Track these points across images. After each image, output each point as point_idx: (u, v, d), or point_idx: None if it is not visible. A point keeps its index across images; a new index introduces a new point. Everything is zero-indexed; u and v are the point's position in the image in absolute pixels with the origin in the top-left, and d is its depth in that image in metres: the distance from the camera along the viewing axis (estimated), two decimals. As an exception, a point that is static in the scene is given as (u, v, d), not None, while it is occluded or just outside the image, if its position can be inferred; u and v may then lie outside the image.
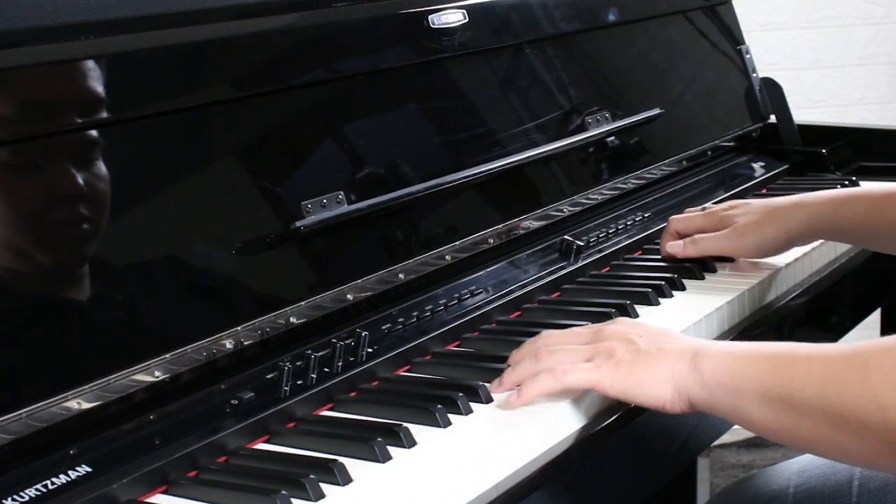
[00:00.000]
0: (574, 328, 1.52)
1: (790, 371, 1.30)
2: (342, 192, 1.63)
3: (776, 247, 1.89)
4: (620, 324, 1.50)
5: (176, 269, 1.45)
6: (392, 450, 1.31)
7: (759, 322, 1.78)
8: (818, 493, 1.60)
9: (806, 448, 1.36)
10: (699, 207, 2.04)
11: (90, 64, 1.41)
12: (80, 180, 1.36)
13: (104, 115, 1.41)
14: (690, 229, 1.95)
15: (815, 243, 1.99)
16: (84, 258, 1.36)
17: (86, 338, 1.33)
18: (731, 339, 1.69)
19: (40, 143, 1.34)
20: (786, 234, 1.87)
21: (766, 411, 1.31)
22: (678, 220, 1.97)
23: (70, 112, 1.38)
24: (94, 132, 1.40)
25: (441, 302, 1.70)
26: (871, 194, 1.84)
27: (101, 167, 1.39)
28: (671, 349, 1.40)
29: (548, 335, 1.50)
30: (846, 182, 2.40)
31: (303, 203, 1.58)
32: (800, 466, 1.68)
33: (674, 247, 1.91)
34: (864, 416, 1.23)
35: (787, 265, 1.91)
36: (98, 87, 1.41)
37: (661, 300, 1.77)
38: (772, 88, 2.62)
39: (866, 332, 2.13)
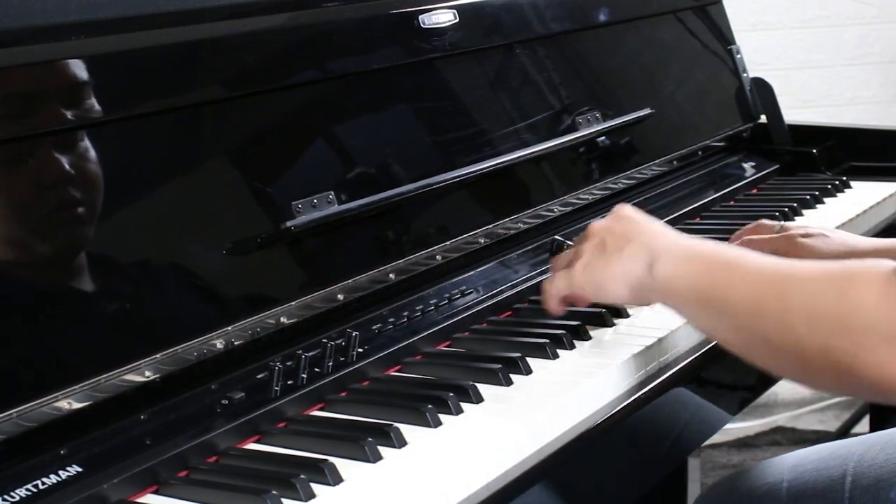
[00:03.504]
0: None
1: (724, 283, 1.41)
2: (333, 192, 1.63)
3: None
4: (607, 218, 1.59)
5: (166, 269, 1.45)
6: (382, 450, 1.31)
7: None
8: (811, 488, 1.61)
9: (741, 355, 1.44)
10: (777, 224, 1.97)
11: (81, 64, 1.40)
12: (70, 180, 1.36)
13: (95, 114, 1.41)
14: (764, 250, 1.90)
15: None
16: (75, 258, 1.36)
17: (76, 338, 1.33)
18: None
19: (28, 143, 1.34)
20: None
21: (703, 317, 1.45)
22: (759, 242, 1.90)
23: (60, 111, 1.37)
24: (83, 132, 1.40)
25: (432, 302, 1.70)
26: None
27: (91, 167, 1.39)
28: (629, 251, 1.50)
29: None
30: (836, 182, 2.40)
31: (293, 203, 1.58)
32: (794, 461, 1.68)
33: None
34: (780, 342, 1.35)
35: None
36: (89, 86, 1.41)
37: (651, 300, 1.77)
38: (762, 88, 2.62)
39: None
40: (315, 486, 1.24)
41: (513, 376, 1.50)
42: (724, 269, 1.43)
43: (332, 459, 1.28)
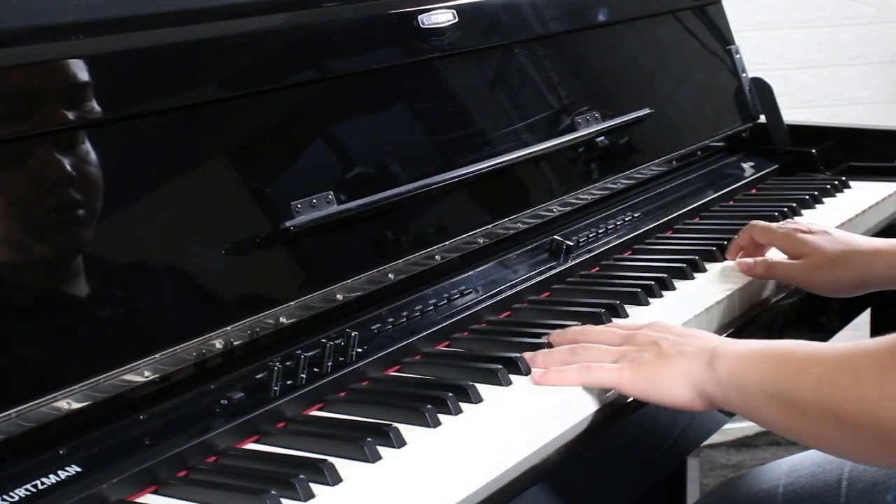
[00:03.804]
0: (611, 328, 1.58)
1: (791, 372, 1.34)
2: (332, 192, 1.63)
3: (849, 289, 1.82)
4: (652, 328, 1.53)
5: (166, 269, 1.45)
6: (382, 450, 1.31)
7: (749, 322, 1.78)
8: (807, 493, 1.61)
9: (812, 446, 1.41)
10: (782, 222, 1.97)
11: (80, 64, 1.40)
12: (68, 180, 1.36)
13: (93, 114, 1.41)
14: (767, 240, 1.91)
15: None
16: (74, 258, 1.36)
17: (75, 338, 1.33)
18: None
19: (27, 143, 1.34)
20: (862, 279, 1.80)
21: (772, 410, 1.36)
22: (761, 232, 1.92)
23: (59, 111, 1.37)
24: (82, 132, 1.39)
25: (431, 302, 1.70)
26: None
27: (90, 167, 1.39)
28: (690, 350, 1.44)
29: (589, 331, 1.56)
30: (836, 182, 2.40)
31: (293, 203, 1.58)
32: (789, 466, 1.68)
33: (743, 264, 1.84)
34: (856, 417, 1.26)
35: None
36: (88, 86, 1.41)
37: (650, 300, 1.77)
38: (761, 88, 2.62)
39: (857, 333, 2.13)
40: (314, 486, 1.23)
41: (512, 376, 1.50)
42: (788, 357, 1.38)
43: (331, 459, 1.28)
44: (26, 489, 1.19)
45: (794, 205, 2.26)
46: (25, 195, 1.33)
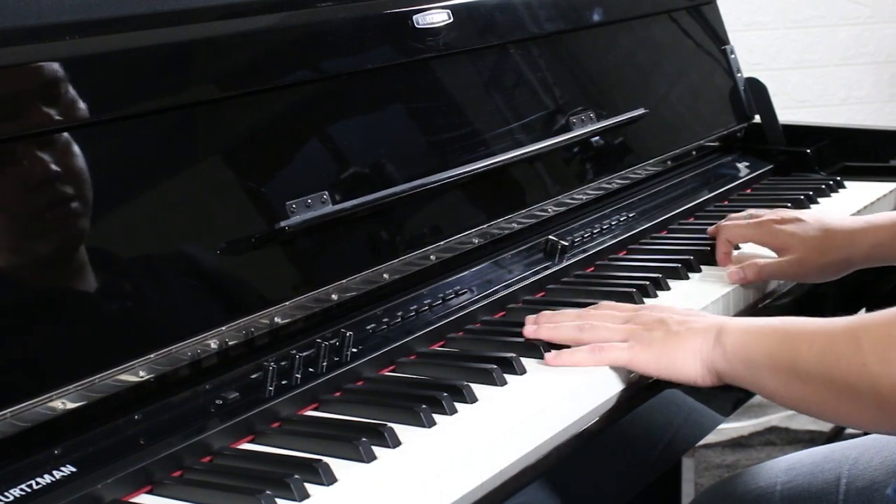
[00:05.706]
0: (611, 310, 1.61)
1: (796, 343, 1.41)
2: (327, 192, 1.63)
3: (836, 273, 1.86)
4: (653, 308, 1.59)
5: (161, 270, 1.45)
6: (377, 450, 1.31)
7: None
8: (805, 492, 1.61)
9: (813, 414, 1.46)
10: (745, 213, 2.00)
11: (76, 64, 1.40)
12: (62, 180, 1.36)
13: (89, 114, 1.40)
14: (744, 240, 1.95)
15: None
16: (69, 259, 1.36)
17: (70, 338, 1.33)
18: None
19: (23, 143, 1.34)
20: (847, 261, 1.84)
21: (777, 381, 1.42)
22: (730, 230, 1.94)
23: (54, 112, 1.37)
24: (77, 132, 1.39)
25: (426, 302, 1.70)
26: None
27: (84, 167, 1.38)
28: (698, 327, 1.50)
29: (588, 314, 1.60)
30: (830, 182, 2.40)
31: (287, 203, 1.58)
32: (787, 464, 1.68)
33: (733, 275, 1.84)
34: (856, 384, 1.33)
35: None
36: (84, 87, 1.40)
37: (645, 300, 1.77)
38: (756, 88, 2.62)
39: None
40: (309, 486, 1.23)
41: (507, 376, 1.50)
42: (793, 331, 1.43)
43: (326, 459, 1.28)
44: (21, 489, 1.19)
45: (789, 205, 2.25)
46: (19, 196, 1.33)
